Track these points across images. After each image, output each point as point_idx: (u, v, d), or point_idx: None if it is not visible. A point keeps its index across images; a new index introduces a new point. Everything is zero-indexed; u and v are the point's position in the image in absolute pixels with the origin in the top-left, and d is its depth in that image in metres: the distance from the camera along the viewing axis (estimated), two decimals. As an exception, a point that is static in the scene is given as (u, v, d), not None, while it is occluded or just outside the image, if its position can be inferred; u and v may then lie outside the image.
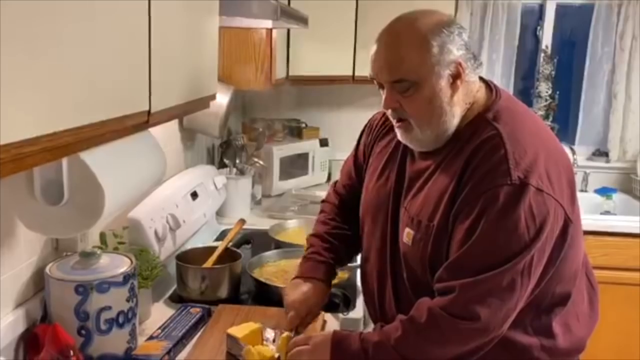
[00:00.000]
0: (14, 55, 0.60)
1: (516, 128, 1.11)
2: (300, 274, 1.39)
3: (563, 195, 1.07)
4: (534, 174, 1.04)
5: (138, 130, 0.99)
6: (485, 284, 1.03)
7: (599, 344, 2.50)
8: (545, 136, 1.16)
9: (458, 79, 1.10)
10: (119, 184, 1.06)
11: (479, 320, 1.03)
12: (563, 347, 1.16)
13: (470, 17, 2.90)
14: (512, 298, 1.04)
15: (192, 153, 2.25)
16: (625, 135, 2.92)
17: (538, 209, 1.02)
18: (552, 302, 1.15)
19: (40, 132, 0.66)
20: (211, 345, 1.30)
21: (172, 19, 1.04)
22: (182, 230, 1.74)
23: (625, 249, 2.49)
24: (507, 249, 1.02)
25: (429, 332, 1.07)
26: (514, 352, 1.14)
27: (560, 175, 1.08)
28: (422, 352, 1.08)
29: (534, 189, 1.03)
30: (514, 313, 1.07)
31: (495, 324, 1.04)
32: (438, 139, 1.15)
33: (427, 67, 1.08)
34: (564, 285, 1.15)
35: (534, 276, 1.05)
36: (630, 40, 2.82)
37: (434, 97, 1.10)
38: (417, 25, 1.10)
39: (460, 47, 1.10)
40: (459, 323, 1.04)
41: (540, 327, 1.15)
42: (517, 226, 1.01)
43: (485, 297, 1.03)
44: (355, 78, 2.62)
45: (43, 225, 1.05)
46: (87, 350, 1.17)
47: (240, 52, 2.15)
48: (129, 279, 1.21)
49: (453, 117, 1.13)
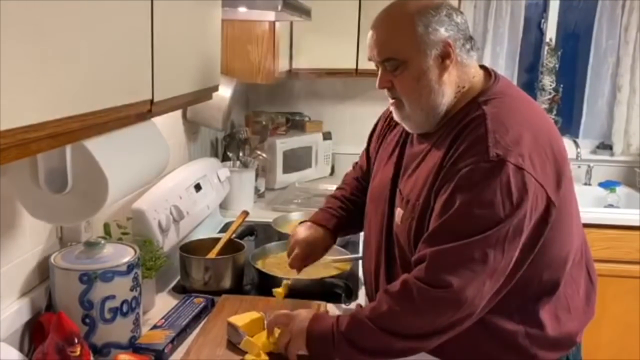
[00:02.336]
0: (18, 41, 0.60)
1: (504, 110, 1.11)
2: (313, 220, 1.48)
3: (547, 179, 1.06)
4: (513, 152, 1.04)
5: (141, 120, 1.00)
6: (456, 253, 1.04)
7: (601, 336, 2.52)
8: (537, 122, 1.14)
9: (447, 59, 1.13)
10: (123, 172, 1.07)
11: (451, 288, 1.02)
12: (550, 337, 1.15)
13: (474, 10, 2.89)
14: (484, 271, 1.03)
15: (195, 146, 2.25)
16: (629, 128, 2.91)
17: (516, 186, 1.02)
18: (540, 290, 1.15)
19: (44, 118, 0.66)
20: (214, 335, 1.31)
21: (175, 8, 1.05)
22: (186, 222, 1.75)
23: (629, 242, 2.49)
24: (481, 222, 1.03)
25: (403, 301, 1.07)
26: (498, 338, 1.14)
27: (546, 161, 1.07)
28: (396, 323, 1.07)
29: (512, 166, 1.02)
30: (491, 290, 1.05)
31: (468, 295, 1.03)
32: (429, 118, 1.17)
33: (413, 46, 1.12)
34: (551, 272, 1.14)
35: (507, 252, 1.04)
36: (635, 33, 2.81)
37: (422, 75, 1.13)
38: (405, 7, 1.15)
39: (449, 28, 1.13)
40: (430, 291, 1.04)
41: (527, 314, 1.14)
42: (492, 201, 1.02)
43: (456, 266, 1.03)
44: (359, 71, 2.61)
45: (47, 213, 1.06)
46: (91, 339, 1.18)
47: (243, 45, 2.15)
48: (133, 268, 1.22)
49: (442, 96, 1.15)
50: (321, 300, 1.48)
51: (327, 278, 1.58)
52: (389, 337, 1.07)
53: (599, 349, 2.48)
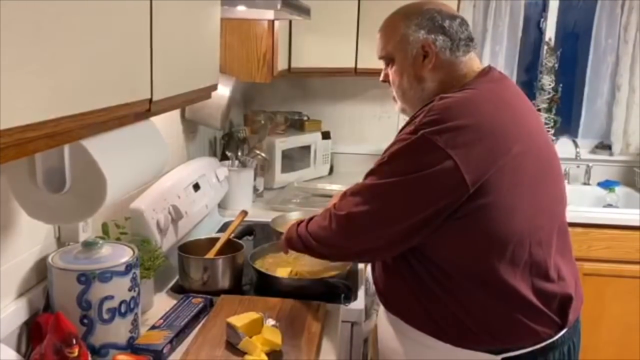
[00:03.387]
0: (17, 40, 0.59)
1: (451, 100, 1.16)
2: None
3: (469, 160, 1.09)
4: (434, 129, 1.11)
5: (140, 119, 0.99)
6: (355, 193, 1.24)
7: (600, 336, 2.52)
8: (490, 114, 1.16)
9: (426, 58, 1.26)
10: (121, 172, 1.06)
11: (342, 212, 1.24)
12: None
13: (474, 10, 2.89)
14: (364, 209, 1.20)
15: (194, 145, 2.25)
16: (628, 128, 2.91)
17: (419, 150, 1.12)
18: (471, 275, 1.18)
19: (42, 117, 0.66)
20: (213, 335, 1.30)
21: (174, 6, 1.04)
22: (184, 222, 1.74)
23: (628, 241, 2.49)
24: (378, 173, 1.20)
25: (323, 215, 1.32)
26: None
27: (478, 146, 1.10)
28: (317, 233, 1.33)
29: (424, 137, 1.11)
30: (370, 235, 1.21)
31: (344, 224, 1.24)
32: (414, 109, 1.26)
33: (397, 45, 1.29)
34: (475, 259, 1.17)
35: (387, 205, 1.18)
36: (635, 32, 2.81)
37: (403, 71, 1.30)
38: (398, 12, 1.32)
39: (431, 30, 1.25)
40: (335, 213, 1.26)
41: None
42: (393, 159, 1.17)
43: (348, 199, 1.25)
44: (358, 70, 2.61)
45: (45, 213, 1.05)
46: (89, 340, 1.17)
47: (242, 43, 2.14)
48: (131, 268, 1.22)
49: (422, 91, 1.28)
50: (321, 300, 1.47)
51: (327, 278, 1.58)
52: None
53: (598, 348, 2.48)
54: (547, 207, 1.23)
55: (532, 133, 1.23)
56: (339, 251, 1.31)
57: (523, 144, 1.17)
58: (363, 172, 1.27)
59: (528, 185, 1.18)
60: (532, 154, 1.20)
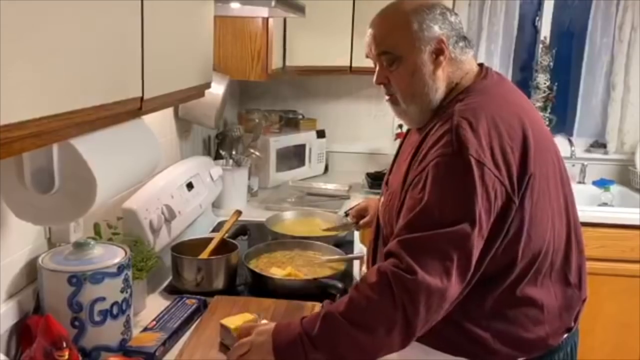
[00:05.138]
0: (3, 37, 0.58)
1: (475, 105, 1.12)
2: None
3: (504, 174, 1.06)
4: (474, 147, 1.05)
5: (131, 118, 0.98)
6: (424, 243, 1.04)
7: (596, 334, 2.51)
8: (509, 120, 1.12)
9: (441, 55, 1.17)
10: (112, 172, 1.04)
11: (416, 275, 1.01)
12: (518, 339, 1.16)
13: (469, 8, 2.88)
14: (450, 262, 1.03)
15: (187, 144, 2.23)
16: (623, 126, 2.91)
17: (478, 181, 1.03)
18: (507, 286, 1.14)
19: (28, 116, 0.64)
20: (207, 337, 1.29)
21: (166, 3, 1.02)
22: (178, 222, 1.72)
23: (623, 240, 2.49)
24: (445, 215, 1.04)
25: (382, 288, 1.03)
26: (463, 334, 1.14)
27: (508, 155, 1.08)
28: (372, 315, 1.03)
29: (474, 160, 1.04)
30: (457, 283, 1.04)
31: (430, 283, 1.01)
32: (423, 112, 1.21)
33: (408, 42, 1.17)
34: (518, 267, 1.13)
35: (470, 246, 1.04)
36: (629, 31, 2.81)
37: (416, 70, 1.17)
38: (401, 7, 1.21)
39: (443, 26, 1.17)
40: (403, 276, 1.02)
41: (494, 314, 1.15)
42: (457, 195, 1.04)
43: (423, 255, 1.03)
44: (353, 69, 2.60)
45: (33, 214, 1.03)
46: (80, 342, 1.16)
47: (236, 41, 2.12)
48: (123, 269, 1.20)
49: (436, 91, 1.19)
50: (315, 301, 1.46)
51: (321, 278, 1.56)
52: (364, 334, 1.03)
53: (593, 347, 2.48)
54: (566, 209, 1.21)
55: (544, 134, 1.19)
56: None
57: (544, 149, 1.15)
58: (358, 171, 1.25)
59: (554, 190, 1.16)
60: (550, 157, 1.17)
